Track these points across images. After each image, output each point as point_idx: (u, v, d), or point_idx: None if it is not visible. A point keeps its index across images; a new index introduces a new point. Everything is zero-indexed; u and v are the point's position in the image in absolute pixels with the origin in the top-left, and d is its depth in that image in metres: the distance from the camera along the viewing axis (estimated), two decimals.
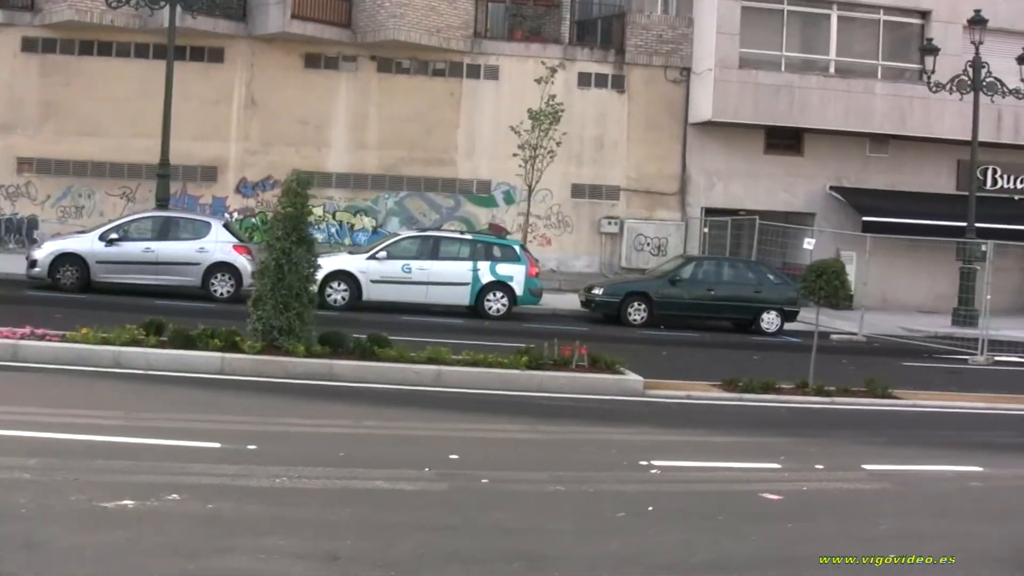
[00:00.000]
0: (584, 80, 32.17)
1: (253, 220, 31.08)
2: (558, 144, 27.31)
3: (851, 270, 33.89)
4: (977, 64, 29.37)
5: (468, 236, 25.66)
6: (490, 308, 24.55)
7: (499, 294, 24.61)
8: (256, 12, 30.60)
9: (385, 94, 31.34)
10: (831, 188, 33.55)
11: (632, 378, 15.43)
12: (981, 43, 29.29)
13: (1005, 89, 29.72)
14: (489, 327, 23.16)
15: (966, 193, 34.90)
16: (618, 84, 32.31)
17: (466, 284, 24.47)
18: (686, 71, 32.54)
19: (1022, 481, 11.79)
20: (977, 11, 29.36)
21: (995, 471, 12.01)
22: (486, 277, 24.55)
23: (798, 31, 32.91)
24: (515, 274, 24.66)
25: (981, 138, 33.60)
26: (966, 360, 23.58)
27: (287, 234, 14.52)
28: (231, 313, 18.43)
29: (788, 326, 26.70)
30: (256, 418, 11.57)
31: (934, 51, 29.59)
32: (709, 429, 13.28)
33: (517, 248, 25.24)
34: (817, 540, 8.61)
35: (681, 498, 9.89)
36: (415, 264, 24.33)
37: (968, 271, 29.81)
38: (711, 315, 25.99)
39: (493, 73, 31.37)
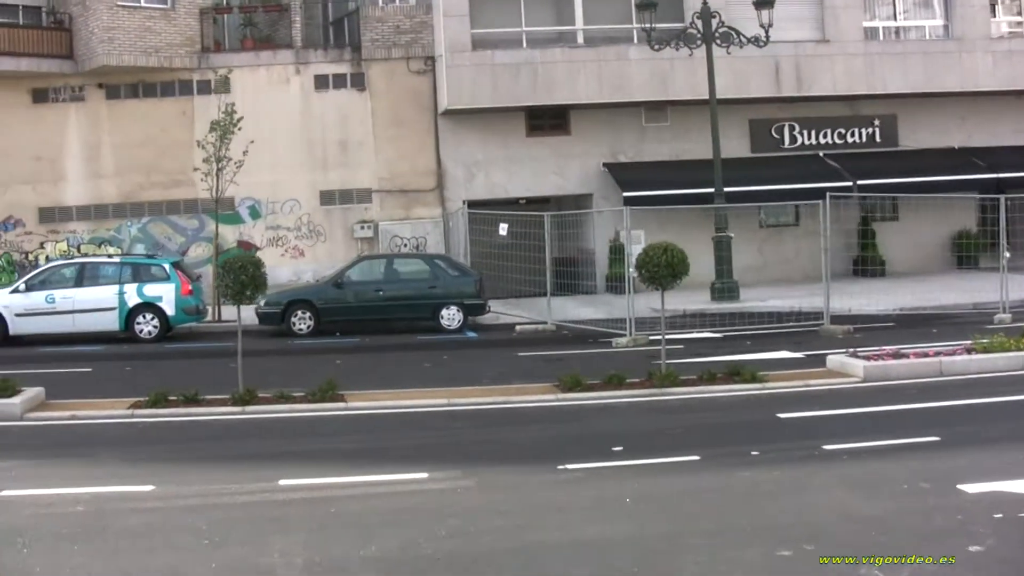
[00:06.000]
0: (321, 82, 30.88)
1: None
2: (245, 153, 26.08)
3: (640, 250, 32.09)
4: (706, 15, 27.47)
5: (116, 259, 24.69)
6: (141, 331, 23.55)
7: (149, 316, 23.63)
8: None
9: (115, 121, 30.42)
10: (604, 165, 31.74)
11: (9, 402, 14.41)
12: None
13: (743, 38, 27.73)
14: (128, 351, 22.28)
15: (762, 155, 33.00)
16: (358, 82, 30.94)
17: (113, 309, 23.51)
18: (431, 60, 31.04)
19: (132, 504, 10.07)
20: None
21: (164, 489, 10.48)
22: (133, 300, 23.58)
23: (542, 4, 31.21)
24: (164, 294, 23.67)
25: (761, 94, 31.72)
26: (611, 343, 21.59)
27: None
28: None
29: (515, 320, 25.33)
30: None
31: (651, 5, 27.59)
32: None
33: (167, 267, 24.14)
34: None
35: None
36: (58, 293, 23.52)
37: (721, 240, 27.61)
38: (381, 317, 24.46)
39: (225, 86, 30.18)
